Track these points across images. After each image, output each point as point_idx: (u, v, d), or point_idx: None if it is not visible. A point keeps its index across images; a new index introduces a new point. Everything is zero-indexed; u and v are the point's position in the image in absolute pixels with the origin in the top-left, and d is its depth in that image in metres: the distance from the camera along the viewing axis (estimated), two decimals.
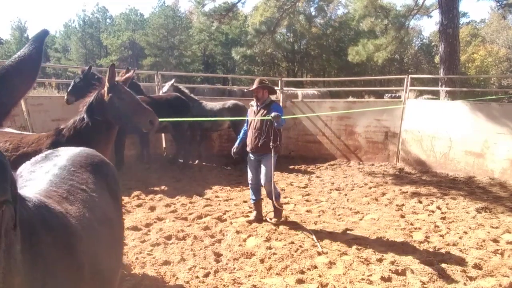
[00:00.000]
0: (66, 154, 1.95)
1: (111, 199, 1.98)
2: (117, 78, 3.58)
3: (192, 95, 8.74)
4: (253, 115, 5.08)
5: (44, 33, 1.06)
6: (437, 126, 8.18)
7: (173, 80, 8.75)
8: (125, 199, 5.76)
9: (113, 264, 1.77)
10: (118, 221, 2.03)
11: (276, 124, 4.73)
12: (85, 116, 3.43)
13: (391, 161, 8.96)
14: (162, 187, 6.69)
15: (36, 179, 1.66)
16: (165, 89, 8.52)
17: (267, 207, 5.56)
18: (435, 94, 15.38)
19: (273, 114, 4.71)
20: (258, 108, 5.06)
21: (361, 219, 5.30)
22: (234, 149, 5.27)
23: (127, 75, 3.87)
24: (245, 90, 5.26)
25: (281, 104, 9.90)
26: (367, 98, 21.86)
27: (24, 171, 1.79)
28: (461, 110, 7.91)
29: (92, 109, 3.43)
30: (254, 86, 5.00)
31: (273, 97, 5.54)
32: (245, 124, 5.27)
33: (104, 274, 1.58)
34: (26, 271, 1.02)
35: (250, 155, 5.15)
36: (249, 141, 5.08)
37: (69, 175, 1.75)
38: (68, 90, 6.68)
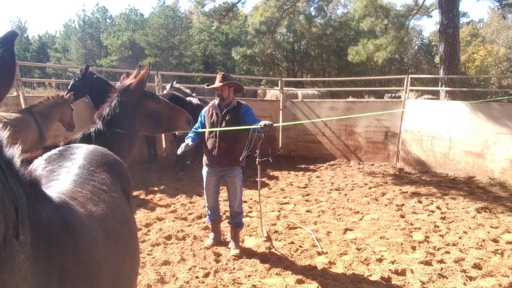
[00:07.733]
0: (82, 152, 1.90)
1: (126, 200, 1.96)
2: (130, 80, 2.92)
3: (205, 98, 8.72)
4: (215, 118, 4.04)
5: (12, 35, 1.01)
6: (437, 126, 8.17)
7: (173, 82, 8.71)
8: None
9: (133, 266, 1.75)
10: (134, 221, 2.01)
11: (259, 132, 3.76)
12: (103, 128, 2.77)
13: (391, 161, 8.96)
14: (162, 187, 6.69)
15: (59, 179, 1.63)
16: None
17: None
18: (435, 94, 15.39)
19: (262, 123, 3.67)
20: (223, 112, 4.01)
21: (361, 219, 5.31)
22: (182, 148, 4.03)
23: (142, 72, 2.94)
24: (205, 87, 4.30)
25: (281, 104, 9.92)
26: (367, 98, 21.88)
27: (39, 168, 1.73)
28: (461, 110, 7.91)
29: (113, 120, 2.79)
30: (218, 83, 3.96)
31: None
32: (198, 123, 4.19)
33: (124, 277, 1.56)
34: (38, 277, 0.98)
35: (208, 169, 4.17)
36: (209, 151, 4.06)
37: (90, 175, 1.72)
38: (67, 90, 6.64)
